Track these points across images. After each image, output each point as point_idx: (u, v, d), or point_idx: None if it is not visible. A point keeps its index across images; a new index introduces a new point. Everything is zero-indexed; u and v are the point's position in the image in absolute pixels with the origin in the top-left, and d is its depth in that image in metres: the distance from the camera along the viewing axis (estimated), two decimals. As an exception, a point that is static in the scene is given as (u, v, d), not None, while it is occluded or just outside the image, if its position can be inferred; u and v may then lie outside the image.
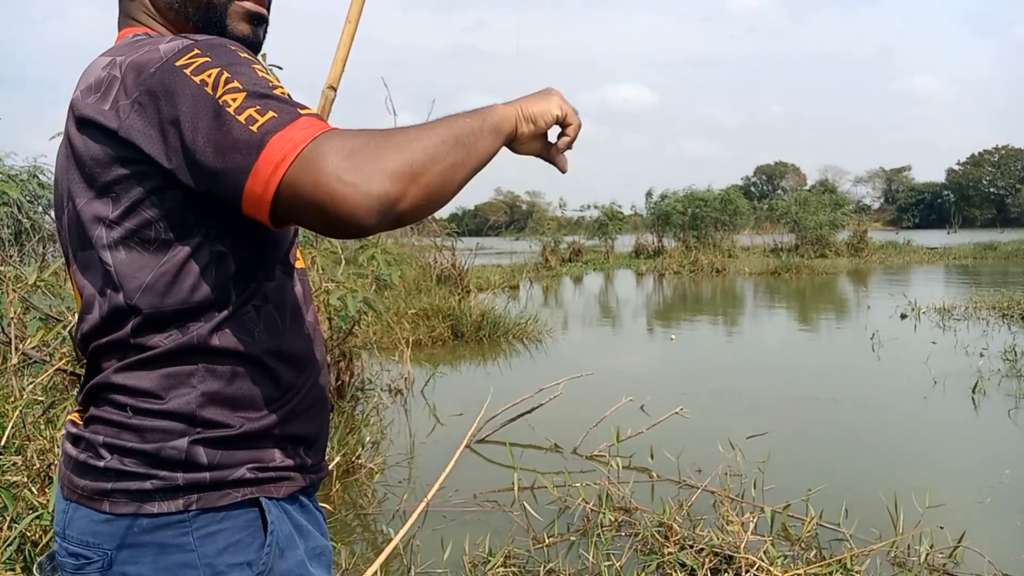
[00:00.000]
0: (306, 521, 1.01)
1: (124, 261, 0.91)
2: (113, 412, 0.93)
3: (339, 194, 0.78)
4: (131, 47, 0.92)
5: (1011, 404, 5.39)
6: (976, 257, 24.53)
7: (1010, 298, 10.71)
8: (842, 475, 3.93)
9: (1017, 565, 2.87)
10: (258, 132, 0.81)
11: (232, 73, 0.85)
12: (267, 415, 0.96)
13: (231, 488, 0.92)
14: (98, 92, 0.90)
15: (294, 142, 0.80)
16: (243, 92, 0.83)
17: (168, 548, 0.90)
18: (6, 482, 2.74)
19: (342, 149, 0.80)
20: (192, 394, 0.92)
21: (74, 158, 0.92)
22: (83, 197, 0.92)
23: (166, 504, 0.90)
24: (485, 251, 16.82)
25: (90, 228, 0.92)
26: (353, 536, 3.40)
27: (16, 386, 3.38)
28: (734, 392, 6.12)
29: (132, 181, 0.89)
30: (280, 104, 0.84)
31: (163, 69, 0.86)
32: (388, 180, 0.80)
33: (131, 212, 0.89)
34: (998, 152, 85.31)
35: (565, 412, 5.07)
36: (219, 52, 0.87)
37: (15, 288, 3.58)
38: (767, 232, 26.38)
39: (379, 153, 0.81)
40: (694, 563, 2.78)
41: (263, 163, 0.80)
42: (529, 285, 16.33)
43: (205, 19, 1.01)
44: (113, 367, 0.93)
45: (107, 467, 0.91)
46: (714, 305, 13.23)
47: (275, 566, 0.94)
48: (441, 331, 8.63)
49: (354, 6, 1.21)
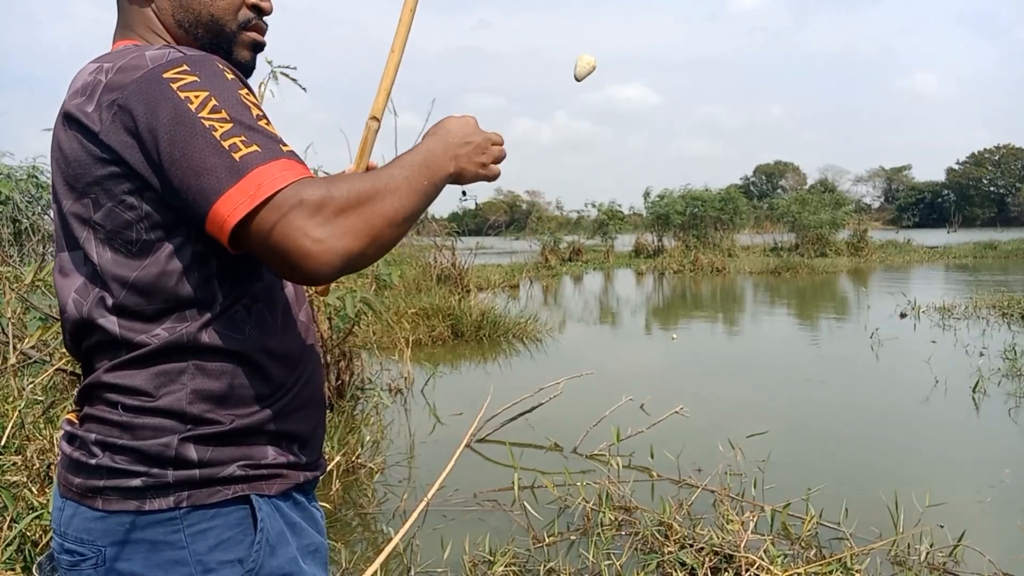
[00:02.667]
0: (300, 518, 1.01)
1: (109, 261, 0.92)
2: (105, 410, 0.94)
3: (304, 250, 0.83)
4: (120, 55, 0.94)
5: (1011, 404, 5.39)
6: (976, 256, 24.54)
7: (1010, 297, 10.71)
8: (842, 474, 3.93)
9: (1017, 565, 2.86)
10: (240, 161, 0.84)
11: (220, 100, 0.87)
12: (258, 412, 0.97)
13: (221, 485, 0.93)
14: (84, 95, 0.92)
15: (272, 180, 0.83)
16: (230, 121, 0.86)
17: (159, 545, 0.91)
18: (6, 482, 2.74)
19: (313, 203, 0.83)
20: (182, 391, 0.93)
21: (61, 159, 0.94)
22: (68, 199, 0.94)
23: (157, 501, 0.91)
24: (485, 251, 16.81)
25: (75, 229, 0.94)
26: (353, 536, 3.40)
27: (15, 386, 3.38)
28: (734, 391, 6.12)
29: (111, 183, 0.90)
30: (264, 139, 0.87)
31: (148, 78, 0.88)
32: (353, 240, 0.85)
33: (112, 214, 0.91)
34: (998, 151, 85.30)
35: (565, 411, 5.07)
36: (207, 72, 0.89)
37: (14, 288, 3.58)
38: (767, 231, 26.38)
39: (347, 213, 0.85)
40: (694, 562, 2.78)
41: (237, 191, 0.83)
42: (529, 285, 16.34)
43: (213, 43, 1.04)
44: (105, 366, 0.94)
45: (99, 464, 0.92)
46: (714, 304, 13.23)
47: (265, 563, 0.95)
48: (441, 331, 8.63)
49: (399, 36, 1.23)
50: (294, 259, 0.83)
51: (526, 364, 7.54)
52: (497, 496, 3.72)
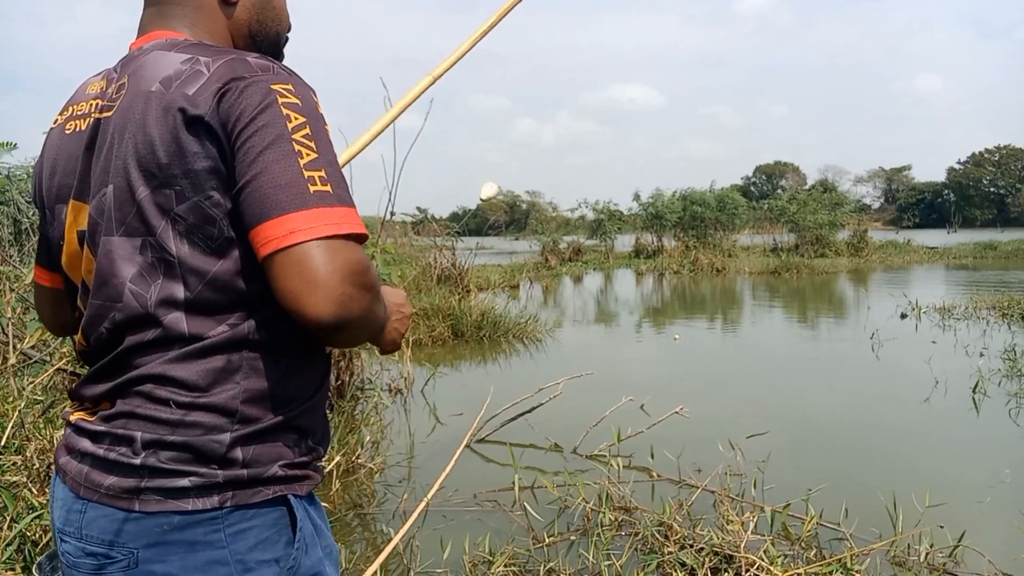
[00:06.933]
0: (320, 520, 1.02)
1: (188, 254, 0.91)
2: (152, 407, 0.91)
3: (316, 305, 0.85)
4: (202, 49, 0.96)
5: (1011, 404, 5.39)
6: (976, 257, 24.54)
7: (1010, 298, 10.71)
8: (842, 475, 3.92)
9: (1017, 565, 2.86)
10: (313, 193, 0.87)
11: (313, 131, 0.91)
12: (295, 411, 0.97)
13: (264, 485, 0.93)
14: (179, 80, 0.91)
15: (330, 224, 0.87)
16: (316, 154, 0.90)
17: (198, 545, 0.90)
18: (6, 482, 2.74)
19: (351, 268, 0.87)
20: (236, 389, 0.92)
21: (144, 144, 0.91)
22: (144, 185, 0.91)
23: (201, 501, 0.90)
24: (485, 251, 16.82)
25: (151, 217, 0.91)
26: (353, 536, 3.40)
27: (15, 386, 3.38)
28: (734, 391, 6.12)
29: (202, 177, 0.90)
30: (338, 184, 0.91)
31: (259, 81, 0.90)
32: (359, 311, 0.88)
33: (197, 208, 0.90)
34: (999, 152, 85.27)
35: (565, 412, 5.07)
36: (307, 100, 0.93)
37: (14, 288, 3.58)
38: (767, 232, 26.38)
39: (370, 291, 0.90)
40: (694, 562, 2.78)
41: (297, 218, 0.86)
42: (529, 285, 16.33)
43: (274, 52, 1.14)
44: (156, 359, 0.92)
45: (143, 464, 0.89)
46: (714, 305, 13.23)
47: (302, 562, 0.95)
48: (441, 331, 8.63)
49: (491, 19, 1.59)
50: (300, 302, 0.85)
51: (526, 364, 7.54)
52: (497, 496, 3.72)
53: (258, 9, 1.09)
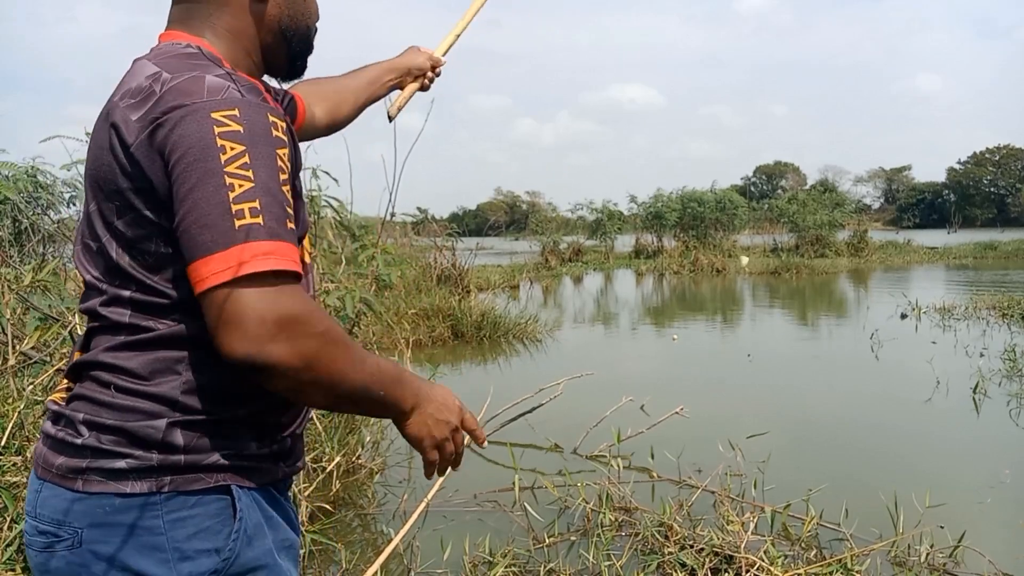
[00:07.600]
0: (276, 513, 1.02)
1: (128, 264, 0.95)
2: (96, 389, 0.95)
3: (230, 344, 0.84)
4: (179, 62, 0.95)
5: (1012, 404, 5.39)
6: (976, 257, 24.53)
7: (1010, 298, 10.71)
8: (842, 475, 3.92)
9: (1017, 565, 2.87)
10: (239, 229, 0.85)
11: (252, 158, 0.88)
12: (247, 406, 0.97)
13: (204, 472, 0.94)
14: (135, 99, 0.92)
15: (252, 261, 0.85)
16: (252, 184, 0.87)
17: (138, 530, 0.91)
18: (6, 482, 2.73)
19: (268, 307, 0.84)
20: (176, 381, 0.94)
21: (96, 152, 0.96)
22: (95, 197, 0.96)
23: (139, 484, 0.91)
24: (485, 251, 16.80)
25: (98, 228, 0.96)
26: (353, 536, 3.40)
27: (15, 386, 3.38)
28: (734, 392, 6.12)
29: (134, 196, 0.92)
30: (272, 215, 0.87)
31: (197, 111, 0.88)
32: (266, 356, 0.84)
33: (132, 224, 0.93)
34: (999, 152, 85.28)
35: (565, 412, 5.07)
36: (255, 124, 0.90)
37: (14, 288, 3.58)
38: (767, 232, 26.37)
39: (293, 339, 0.85)
40: (694, 563, 2.78)
41: (216, 260, 0.85)
42: (529, 285, 16.32)
43: (303, 51, 1.15)
44: (104, 345, 0.96)
45: (84, 444, 0.92)
46: (714, 305, 13.23)
47: (242, 553, 0.95)
48: (441, 331, 8.63)
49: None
50: (226, 338, 0.84)
51: (526, 365, 7.54)
52: (497, 497, 3.72)
53: (289, 3, 1.10)
